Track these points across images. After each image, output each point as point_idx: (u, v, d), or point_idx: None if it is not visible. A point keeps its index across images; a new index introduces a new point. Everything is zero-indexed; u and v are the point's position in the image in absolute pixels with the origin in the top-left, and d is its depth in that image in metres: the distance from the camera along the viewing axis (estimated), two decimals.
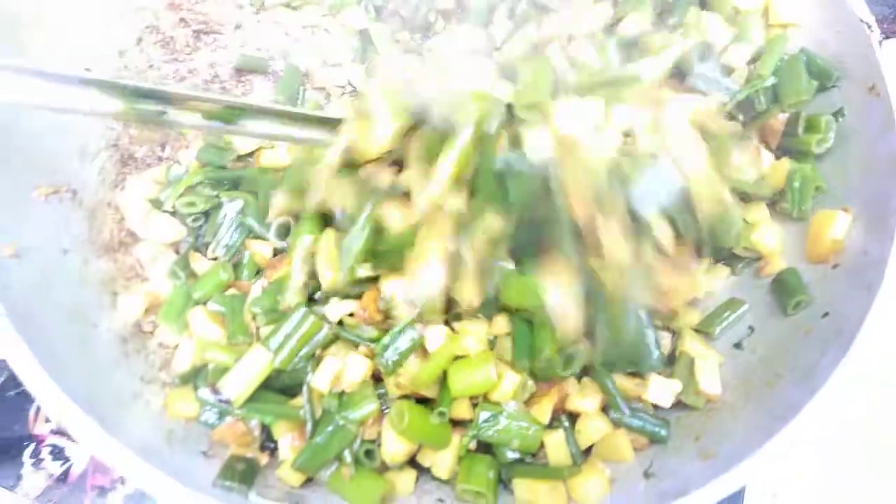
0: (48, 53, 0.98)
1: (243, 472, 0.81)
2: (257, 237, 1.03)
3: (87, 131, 1.04)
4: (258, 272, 1.00)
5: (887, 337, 0.78)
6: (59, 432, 1.13)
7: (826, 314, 0.87)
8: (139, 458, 0.74)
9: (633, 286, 0.82)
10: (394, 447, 0.85)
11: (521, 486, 0.85)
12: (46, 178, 0.96)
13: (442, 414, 0.85)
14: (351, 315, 0.90)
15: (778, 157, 1.00)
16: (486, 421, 0.85)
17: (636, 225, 0.82)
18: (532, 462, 0.88)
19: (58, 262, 0.93)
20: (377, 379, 0.90)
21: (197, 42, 1.20)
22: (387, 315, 0.89)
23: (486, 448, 0.88)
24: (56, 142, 0.99)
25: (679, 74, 1.02)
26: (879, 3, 1.58)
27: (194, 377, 0.92)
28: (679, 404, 0.91)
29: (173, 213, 1.06)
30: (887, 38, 1.58)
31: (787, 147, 1.00)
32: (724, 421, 0.85)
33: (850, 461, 1.07)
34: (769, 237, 0.99)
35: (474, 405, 0.88)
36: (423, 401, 0.88)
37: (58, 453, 1.11)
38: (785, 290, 0.93)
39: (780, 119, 1.00)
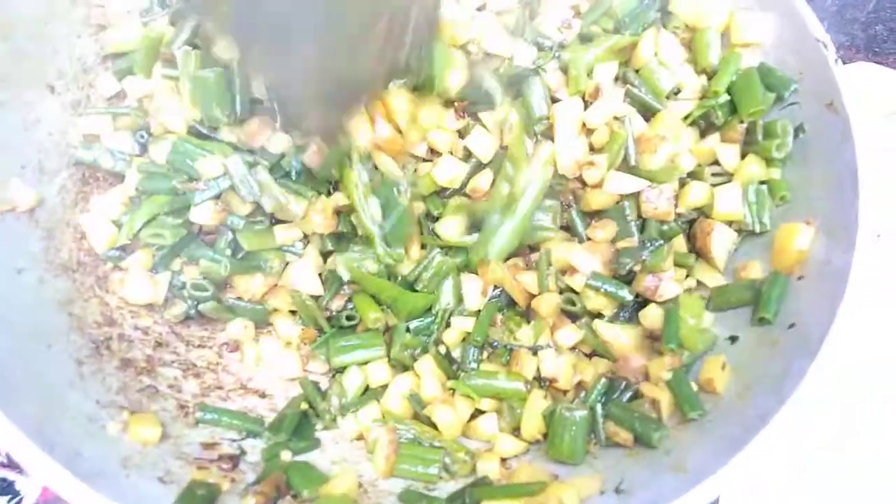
0: (14, 67, 0.98)
1: (203, 498, 0.78)
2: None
3: (47, 148, 1.02)
4: None
5: (853, 344, 0.78)
6: (9, 465, 1.08)
7: (792, 325, 0.87)
8: (89, 487, 0.71)
9: None
10: None
11: None
12: (2, 195, 0.94)
13: None
14: None
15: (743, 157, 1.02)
16: None
17: None
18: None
19: (12, 281, 0.90)
20: None
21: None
22: None
23: None
24: (12, 158, 0.96)
25: None
26: (834, 30, 1.63)
27: None
28: None
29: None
30: (844, 63, 1.63)
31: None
32: (694, 434, 0.84)
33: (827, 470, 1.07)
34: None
35: None
36: None
37: (6, 487, 1.06)
38: (756, 301, 0.93)
39: (739, 129, 1.01)
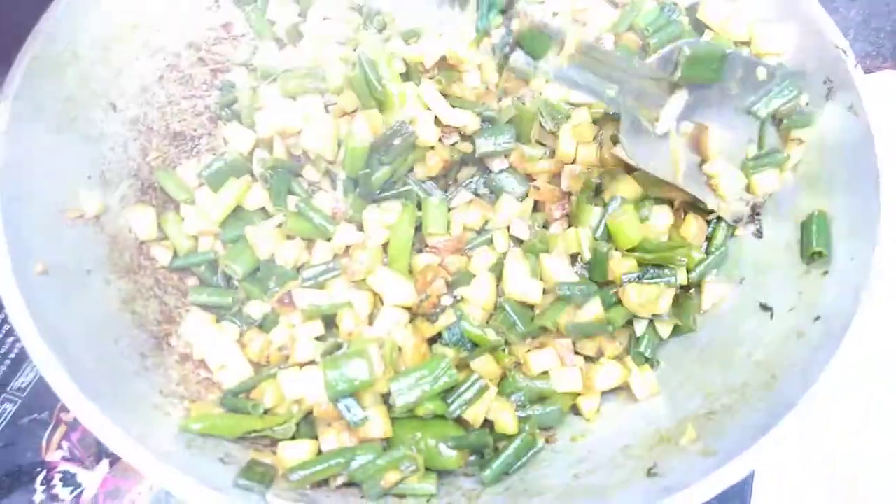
0: (81, 88, 1.06)
1: (262, 474, 0.84)
2: None
3: (109, 160, 1.10)
4: None
5: (879, 341, 0.82)
6: (71, 459, 1.14)
7: (818, 318, 0.91)
8: (163, 462, 0.78)
9: None
10: None
11: None
12: (73, 202, 1.02)
13: None
14: None
15: None
16: None
17: None
18: None
19: (82, 281, 0.97)
20: None
21: (213, 80, 1.27)
22: None
23: None
24: (80, 169, 1.05)
25: None
26: (860, 39, 1.66)
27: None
28: None
29: None
30: (869, 72, 1.66)
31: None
32: (724, 422, 0.88)
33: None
34: None
35: None
36: None
37: (69, 479, 1.12)
38: (806, 238, 0.97)
39: None
